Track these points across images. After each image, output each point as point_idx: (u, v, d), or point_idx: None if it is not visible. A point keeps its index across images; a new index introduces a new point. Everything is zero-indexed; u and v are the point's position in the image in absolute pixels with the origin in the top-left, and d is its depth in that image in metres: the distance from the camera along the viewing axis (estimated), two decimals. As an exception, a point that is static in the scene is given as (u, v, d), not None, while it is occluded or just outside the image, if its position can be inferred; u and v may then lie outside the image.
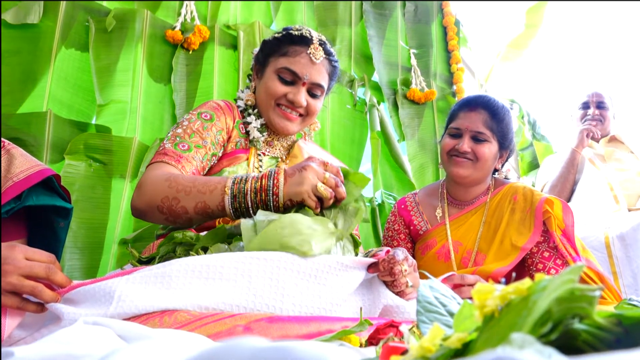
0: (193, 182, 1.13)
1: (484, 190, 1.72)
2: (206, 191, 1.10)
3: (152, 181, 1.18)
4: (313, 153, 1.55)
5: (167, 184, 1.14)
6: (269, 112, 1.43)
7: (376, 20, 2.83)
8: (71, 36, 1.98)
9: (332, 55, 1.48)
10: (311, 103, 1.43)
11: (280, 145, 1.52)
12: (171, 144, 1.29)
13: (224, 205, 1.09)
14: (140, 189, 1.19)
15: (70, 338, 0.56)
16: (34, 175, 1.11)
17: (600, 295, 0.36)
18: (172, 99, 2.16)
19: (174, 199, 1.12)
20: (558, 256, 1.54)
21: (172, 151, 1.27)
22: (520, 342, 0.30)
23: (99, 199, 1.90)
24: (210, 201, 1.10)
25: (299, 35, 1.42)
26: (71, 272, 1.78)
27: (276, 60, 1.42)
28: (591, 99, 2.70)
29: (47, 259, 0.83)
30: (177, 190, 1.12)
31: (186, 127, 1.33)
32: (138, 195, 1.19)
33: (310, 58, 1.40)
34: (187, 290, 0.83)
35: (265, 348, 0.26)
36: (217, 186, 1.10)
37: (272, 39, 1.47)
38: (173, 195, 1.12)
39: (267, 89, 1.42)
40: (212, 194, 1.10)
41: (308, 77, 1.40)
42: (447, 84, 2.99)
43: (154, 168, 1.23)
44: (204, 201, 1.10)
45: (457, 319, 0.44)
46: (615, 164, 2.47)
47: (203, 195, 1.10)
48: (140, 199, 1.18)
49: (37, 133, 1.81)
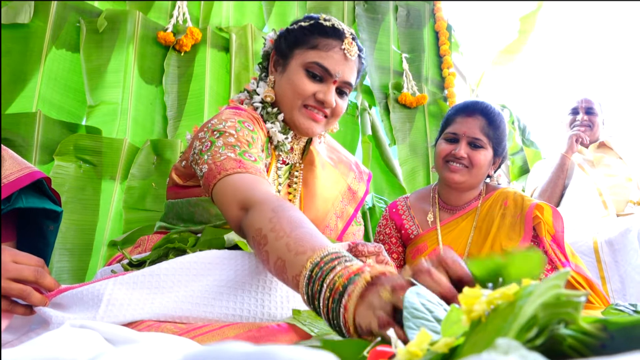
0: (293, 227, 0.81)
1: (476, 195, 1.73)
2: (293, 248, 0.77)
3: (262, 200, 0.92)
4: (324, 152, 1.49)
5: (270, 214, 0.86)
6: (293, 111, 1.27)
7: (368, 24, 2.84)
8: (62, 37, 1.97)
9: (363, 52, 1.34)
10: (339, 103, 1.29)
11: (298, 149, 1.39)
12: (235, 153, 1.07)
13: (298, 282, 0.73)
14: (249, 210, 0.92)
15: (56, 341, 0.56)
16: (23, 177, 1.10)
17: (586, 301, 0.37)
18: (163, 101, 2.15)
19: (263, 238, 0.84)
20: (547, 261, 1.55)
21: (247, 164, 1.05)
22: (506, 348, 0.30)
23: (89, 201, 1.89)
24: (289, 267, 0.76)
25: (331, 27, 1.26)
26: (60, 273, 1.76)
27: (304, 53, 1.25)
28: (580, 105, 2.72)
29: (35, 262, 0.83)
30: (272, 229, 0.83)
31: (238, 137, 1.12)
32: (248, 217, 0.92)
33: (344, 54, 1.25)
34: (177, 289, 0.82)
35: (249, 352, 0.26)
36: (306, 250, 0.74)
37: (298, 27, 1.29)
38: (267, 232, 0.83)
39: (294, 86, 1.25)
40: (295, 256, 0.75)
41: (340, 75, 1.25)
42: (439, 89, 3.00)
43: (250, 183, 0.99)
44: (284, 261, 0.77)
45: (444, 324, 0.44)
46: (604, 170, 2.50)
47: (288, 253, 0.77)
48: (249, 220, 0.91)
49: (27, 134, 1.80)
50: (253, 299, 0.85)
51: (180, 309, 0.81)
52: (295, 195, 1.38)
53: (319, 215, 1.40)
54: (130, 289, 0.81)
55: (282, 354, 0.26)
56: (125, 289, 0.81)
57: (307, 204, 1.39)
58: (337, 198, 1.48)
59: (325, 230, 1.41)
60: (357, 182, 1.54)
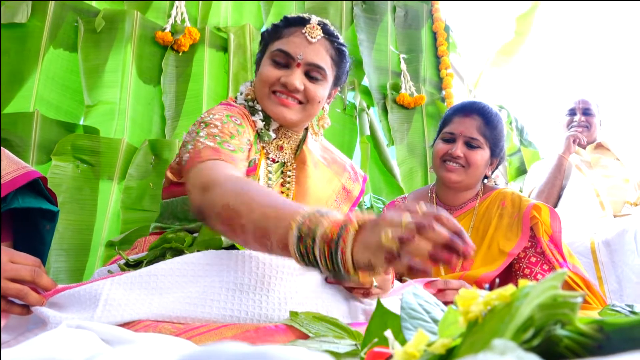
0: (263, 197, 0.86)
1: (473, 195, 1.73)
2: (272, 215, 0.81)
3: (224, 179, 0.95)
4: (318, 152, 1.49)
5: (237, 190, 0.90)
6: (263, 100, 1.29)
7: (367, 24, 2.84)
8: (59, 36, 1.97)
9: (335, 37, 1.32)
10: (309, 87, 1.27)
11: (289, 148, 1.39)
12: (214, 142, 1.11)
13: (287, 243, 0.77)
14: (210, 192, 0.94)
15: (53, 342, 0.56)
16: (19, 177, 1.09)
17: (583, 301, 0.37)
18: (161, 101, 2.15)
19: (233, 212, 0.86)
20: (545, 262, 1.55)
21: (223, 151, 1.08)
22: (502, 348, 0.30)
23: (86, 201, 1.89)
24: (274, 232, 0.79)
25: (295, 17, 1.30)
26: (57, 274, 1.76)
27: (271, 46, 1.30)
28: (578, 106, 2.73)
29: (32, 262, 0.83)
30: (242, 202, 0.86)
31: (222, 129, 1.16)
32: (207, 197, 0.95)
33: (305, 37, 1.26)
34: (174, 290, 0.83)
35: (245, 352, 0.26)
36: (286, 213, 0.80)
37: (270, 26, 1.35)
38: (237, 206, 0.86)
39: (260, 76, 1.29)
40: (277, 221, 0.79)
41: (302, 57, 1.25)
42: (437, 89, 3.01)
43: (216, 167, 1.03)
44: (266, 228, 0.81)
45: (442, 325, 0.44)
46: (601, 171, 2.50)
47: (267, 220, 0.81)
48: (208, 203, 0.94)
49: (24, 133, 1.79)
50: (251, 300, 0.85)
51: (178, 309, 0.81)
52: (288, 195, 1.38)
53: None
54: (127, 289, 0.81)
55: (277, 354, 0.26)
56: (123, 289, 0.81)
57: (299, 202, 1.39)
58: (330, 197, 1.48)
59: None
60: (351, 182, 1.54)
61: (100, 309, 0.76)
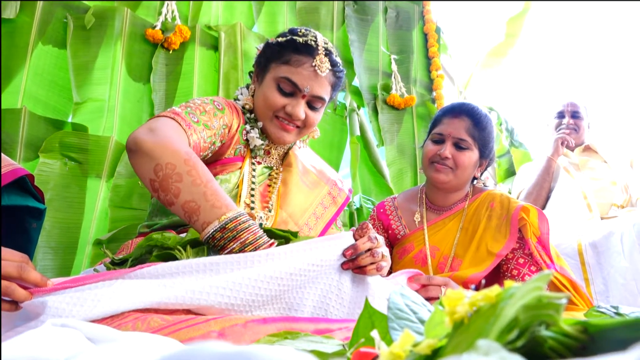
0: (207, 179, 1.00)
1: (463, 196, 1.73)
2: (210, 199, 0.97)
3: (171, 137, 1.05)
4: (306, 159, 1.53)
5: (185, 156, 1.01)
6: (265, 121, 1.36)
7: (358, 25, 2.84)
8: (48, 32, 1.96)
9: (338, 66, 1.38)
10: (310, 116, 1.36)
11: (276, 154, 1.46)
12: (182, 110, 1.19)
13: (208, 224, 0.95)
14: (155, 133, 1.05)
15: (36, 340, 0.55)
16: (6, 174, 1.08)
17: (569, 303, 0.37)
18: (150, 99, 2.14)
19: (177, 175, 0.98)
20: (533, 263, 1.56)
21: (184, 116, 1.16)
22: (486, 349, 0.30)
23: (74, 199, 1.87)
24: (204, 212, 0.96)
25: (303, 44, 1.32)
26: (44, 272, 1.74)
27: (277, 68, 1.33)
28: (566, 109, 2.75)
29: (19, 258, 0.82)
30: (188, 172, 0.99)
31: (198, 106, 1.24)
32: (150, 137, 1.04)
33: (314, 70, 1.31)
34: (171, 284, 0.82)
35: (227, 352, 0.26)
36: (221, 206, 0.97)
37: (275, 43, 1.37)
38: (180, 172, 0.98)
39: (265, 99, 1.34)
40: (211, 208, 0.96)
41: (309, 90, 1.32)
42: (427, 90, 3.02)
43: (170, 125, 1.11)
44: (199, 207, 0.97)
45: (428, 325, 0.44)
46: (589, 173, 2.52)
47: (203, 200, 0.97)
48: (150, 140, 1.03)
49: (11, 130, 1.78)
50: (251, 287, 0.84)
51: (174, 296, 0.79)
52: (273, 192, 1.39)
53: (295, 211, 1.40)
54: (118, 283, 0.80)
55: (261, 355, 0.26)
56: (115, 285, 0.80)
57: (284, 200, 1.40)
58: (316, 198, 1.49)
59: (304, 228, 1.41)
60: (337, 189, 1.56)
61: (89, 304, 0.75)
